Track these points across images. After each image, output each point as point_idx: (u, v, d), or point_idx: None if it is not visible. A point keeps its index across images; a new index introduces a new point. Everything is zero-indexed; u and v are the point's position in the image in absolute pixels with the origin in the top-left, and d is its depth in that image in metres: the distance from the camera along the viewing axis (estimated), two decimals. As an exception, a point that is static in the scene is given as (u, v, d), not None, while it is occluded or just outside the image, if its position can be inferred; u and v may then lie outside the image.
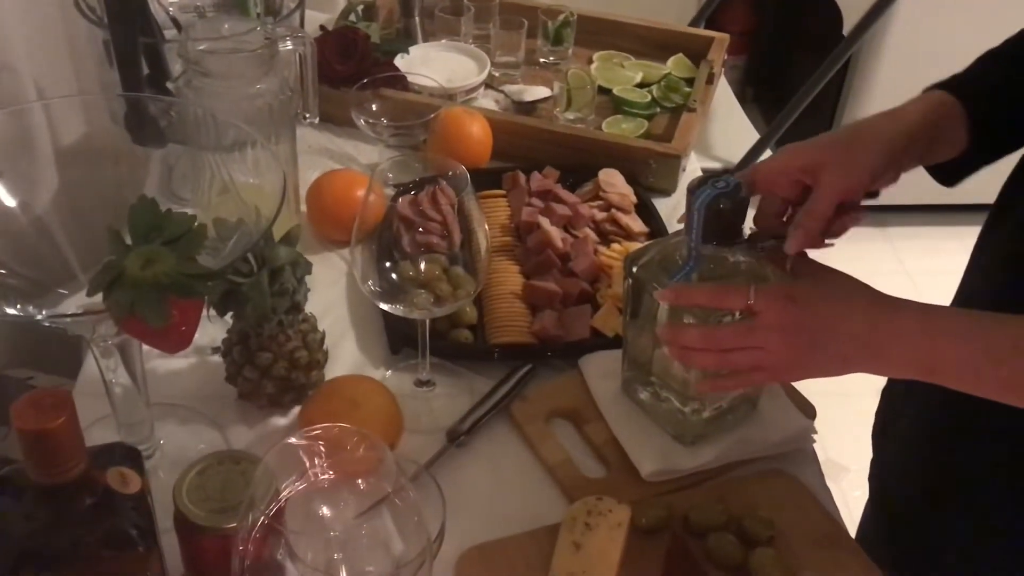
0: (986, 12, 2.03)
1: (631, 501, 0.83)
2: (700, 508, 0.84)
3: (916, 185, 0.93)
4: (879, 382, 1.15)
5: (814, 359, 0.75)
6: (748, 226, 0.84)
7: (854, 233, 0.83)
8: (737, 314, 0.79)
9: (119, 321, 0.60)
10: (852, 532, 0.91)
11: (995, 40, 0.89)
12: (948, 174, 0.89)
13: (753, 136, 1.95)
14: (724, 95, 1.98)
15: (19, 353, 1.22)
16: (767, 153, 1.98)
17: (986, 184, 0.92)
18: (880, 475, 1.06)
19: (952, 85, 0.85)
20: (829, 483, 0.94)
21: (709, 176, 0.80)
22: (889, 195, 0.86)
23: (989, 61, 0.88)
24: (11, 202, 0.81)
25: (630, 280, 0.87)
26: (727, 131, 1.99)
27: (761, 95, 3.05)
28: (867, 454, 1.13)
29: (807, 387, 0.99)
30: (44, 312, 0.74)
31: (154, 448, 0.88)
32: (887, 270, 2.65)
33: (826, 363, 0.75)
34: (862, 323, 0.73)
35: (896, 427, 1.02)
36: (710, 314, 0.81)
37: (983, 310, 0.73)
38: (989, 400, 0.71)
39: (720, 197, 0.79)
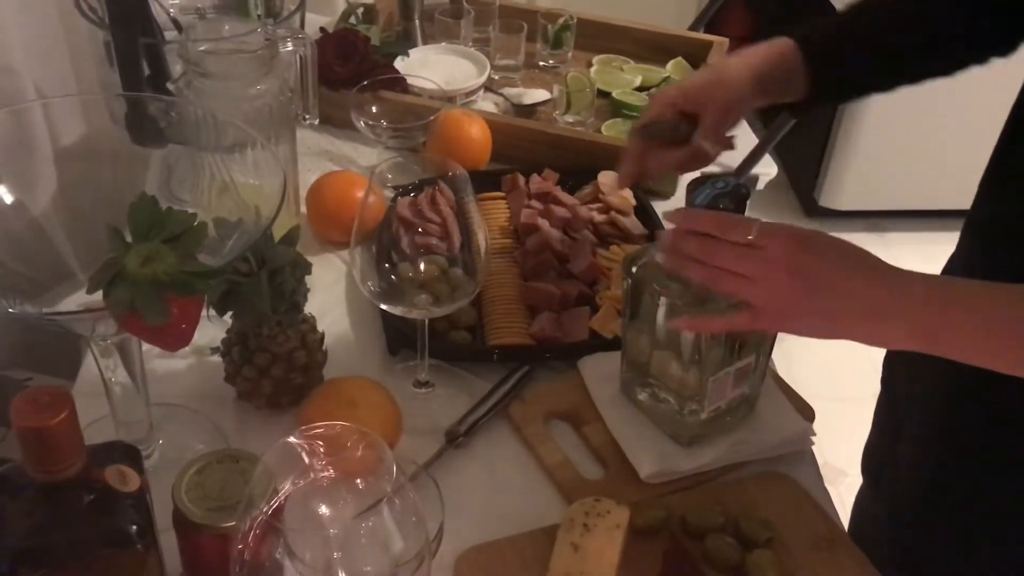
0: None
1: (629, 502, 0.83)
2: (698, 510, 0.84)
3: (914, 191, 0.95)
4: (876, 387, 1.15)
5: (804, 309, 0.73)
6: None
7: (853, 240, 0.83)
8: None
9: (119, 318, 0.60)
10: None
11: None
12: (797, 111, 0.99)
13: (752, 140, 1.95)
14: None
15: (17, 355, 1.22)
16: (766, 157, 1.98)
17: None
18: (891, 479, 1.05)
19: (799, 36, 0.94)
20: (827, 487, 0.94)
21: (708, 177, 0.80)
22: (887, 201, 0.88)
23: (844, 19, 0.97)
24: (10, 201, 0.81)
25: (629, 280, 0.87)
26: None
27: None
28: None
29: (805, 390, 0.99)
30: (44, 310, 0.74)
31: (153, 448, 0.88)
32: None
33: (815, 317, 0.73)
34: (864, 280, 0.72)
35: (906, 430, 1.01)
36: (707, 303, 0.81)
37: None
38: (997, 395, 0.71)
39: (720, 197, 0.79)
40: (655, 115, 0.96)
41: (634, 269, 0.87)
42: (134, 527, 0.63)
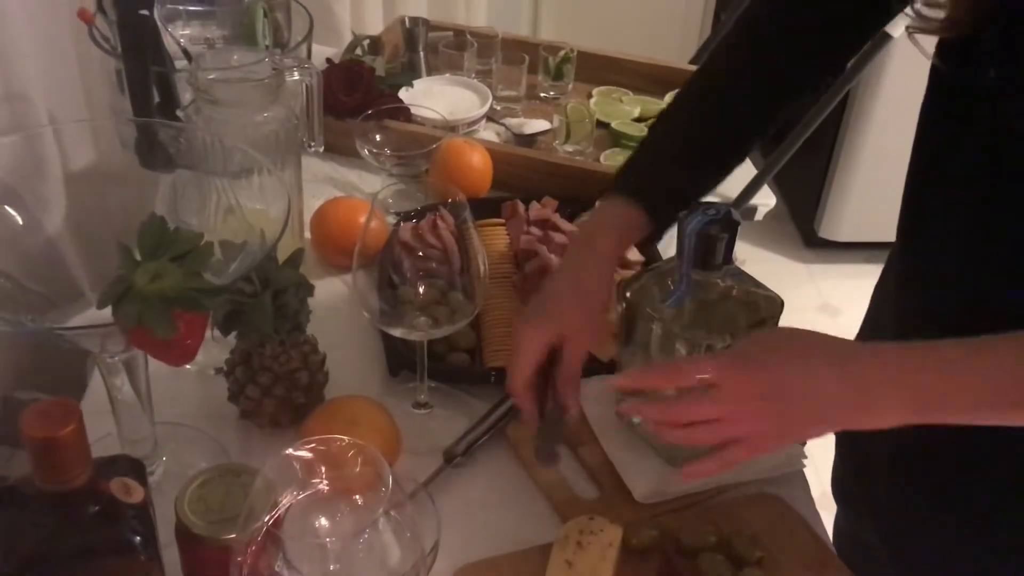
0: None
1: (623, 522, 0.85)
2: (691, 529, 0.86)
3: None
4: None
5: (790, 426, 0.72)
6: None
7: (852, 271, 0.85)
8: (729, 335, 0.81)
9: (127, 333, 0.63)
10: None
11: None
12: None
13: (751, 171, 1.97)
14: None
15: (25, 375, 1.24)
16: (764, 188, 2.00)
17: None
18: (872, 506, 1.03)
19: (634, 191, 0.91)
20: (827, 515, 0.95)
21: (699, 204, 0.83)
22: (887, 232, 0.91)
23: (655, 156, 0.95)
24: (23, 222, 0.83)
25: (624, 305, 0.89)
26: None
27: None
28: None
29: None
30: (56, 325, 0.77)
31: (157, 464, 0.89)
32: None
33: (807, 425, 0.73)
34: (833, 375, 0.70)
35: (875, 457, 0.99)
36: (696, 348, 0.83)
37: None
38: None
39: (710, 224, 0.81)
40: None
41: (628, 294, 0.89)
42: (137, 537, 0.65)
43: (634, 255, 1.18)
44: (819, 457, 1.01)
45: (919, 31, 0.75)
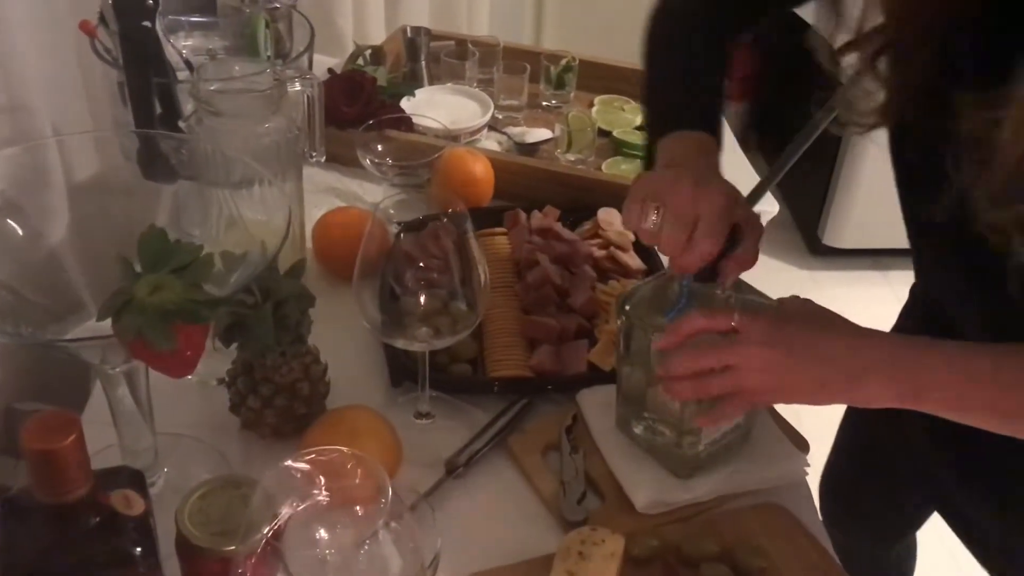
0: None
1: (625, 532, 0.85)
2: (693, 539, 0.86)
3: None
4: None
5: (791, 380, 0.77)
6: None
7: (857, 278, 0.86)
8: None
9: (127, 345, 0.63)
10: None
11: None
12: None
13: (753, 178, 1.97)
14: (725, 138, 2.01)
15: (26, 388, 1.24)
16: (768, 195, 2.00)
17: None
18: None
19: (697, 123, 0.94)
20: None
21: None
22: (891, 239, 0.90)
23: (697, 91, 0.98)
24: (26, 233, 0.84)
25: (623, 318, 0.89)
26: (727, 174, 2.02)
27: (764, 141, 3.09)
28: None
29: (807, 431, 1.00)
30: (56, 337, 0.77)
31: (158, 475, 0.89)
32: (890, 314, 2.66)
33: (804, 386, 0.76)
34: (842, 347, 0.75)
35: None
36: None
37: None
38: None
39: None
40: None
41: (627, 307, 0.88)
42: (138, 549, 0.65)
43: (637, 264, 1.18)
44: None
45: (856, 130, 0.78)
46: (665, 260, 1.17)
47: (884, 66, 0.74)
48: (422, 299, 0.91)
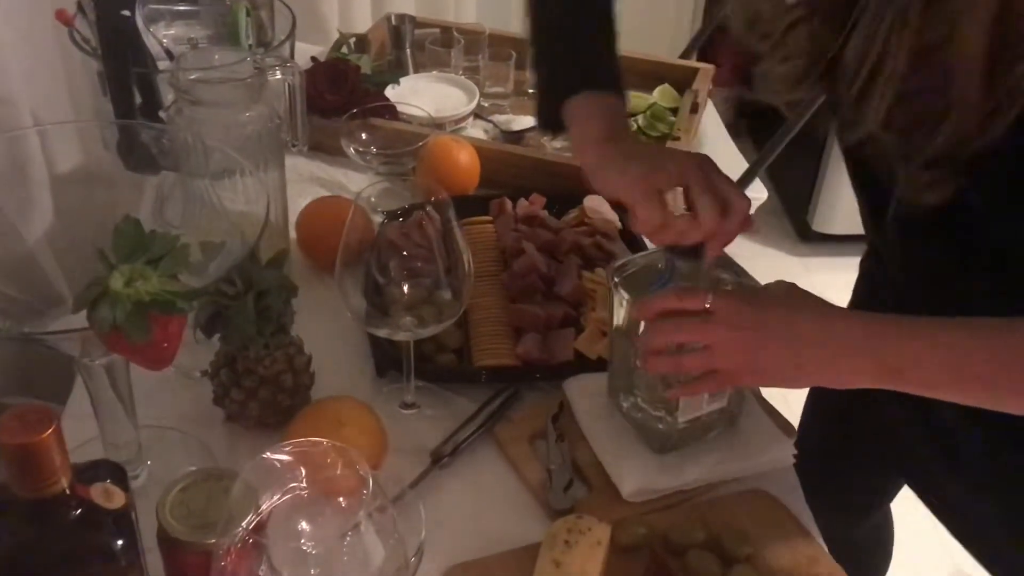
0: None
1: (611, 520, 0.84)
2: (680, 526, 0.85)
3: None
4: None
5: (766, 361, 0.76)
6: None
7: (846, 264, 0.86)
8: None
9: (103, 337, 0.62)
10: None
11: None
12: None
13: (742, 164, 1.97)
14: (713, 125, 2.01)
15: (9, 381, 1.23)
16: (756, 181, 2.00)
17: None
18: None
19: (605, 85, 0.94)
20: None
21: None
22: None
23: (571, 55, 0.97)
24: (5, 226, 0.83)
25: (614, 289, 0.89)
26: (715, 160, 2.02)
27: (755, 126, 3.08)
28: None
29: (797, 416, 1.00)
30: (31, 330, 0.76)
31: (141, 469, 0.89)
32: (880, 299, 2.67)
33: (779, 367, 0.76)
34: (815, 329, 0.75)
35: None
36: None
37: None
38: None
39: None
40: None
41: (617, 279, 0.88)
42: (118, 542, 0.64)
43: (623, 252, 1.18)
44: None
45: None
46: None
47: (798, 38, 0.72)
48: (406, 288, 0.91)
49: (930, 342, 0.71)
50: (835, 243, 2.81)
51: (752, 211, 1.77)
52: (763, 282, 0.88)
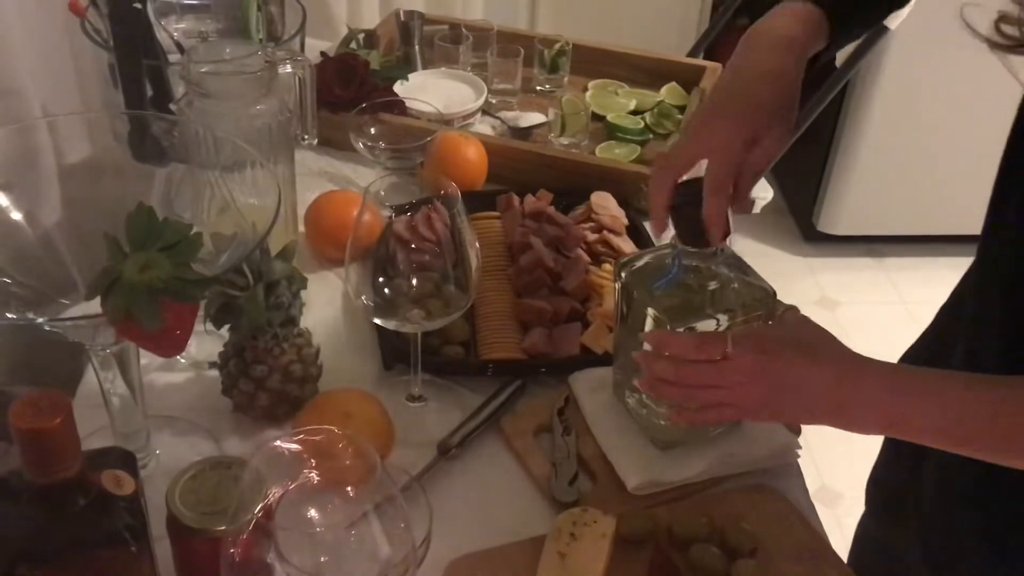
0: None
1: (616, 513, 0.85)
2: (684, 520, 0.86)
3: (913, 216, 0.95)
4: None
5: (780, 405, 0.78)
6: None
7: (851, 264, 0.85)
8: (723, 319, 0.82)
9: (115, 324, 0.62)
10: (844, 555, 0.92)
11: (987, 65, 0.91)
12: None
13: (748, 164, 1.97)
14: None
15: (19, 370, 1.24)
16: (762, 181, 2.00)
17: (982, 216, 0.91)
18: (919, 520, 0.98)
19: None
20: (825, 509, 0.94)
21: (685, 183, 0.83)
22: (886, 226, 0.89)
23: None
24: (17, 215, 0.83)
25: (619, 286, 0.89)
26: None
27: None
28: (862, 481, 1.12)
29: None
30: (44, 319, 0.76)
31: (150, 457, 0.90)
32: (884, 300, 2.67)
33: (791, 410, 0.78)
34: (828, 379, 0.75)
35: (926, 468, 0.95)
36: (691, 317, 0.84)
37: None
38: None
39: (683, 196, 0.82)
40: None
41: (623, 275, 0.89)
42: (128, 529, 0.65)
43: (630, 247, 1.18)
44: (819, 452, 1.01)
45: (1007, 50, 0.74)
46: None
47: None
48: (414, 281, 0.91)
49: (939, 401, 0.72)
50: (840, 243, 2.81)
51: (758, 210, 1.78)
52: (769, 281, 0.88)
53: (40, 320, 0.73)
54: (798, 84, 0.85)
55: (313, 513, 0.69)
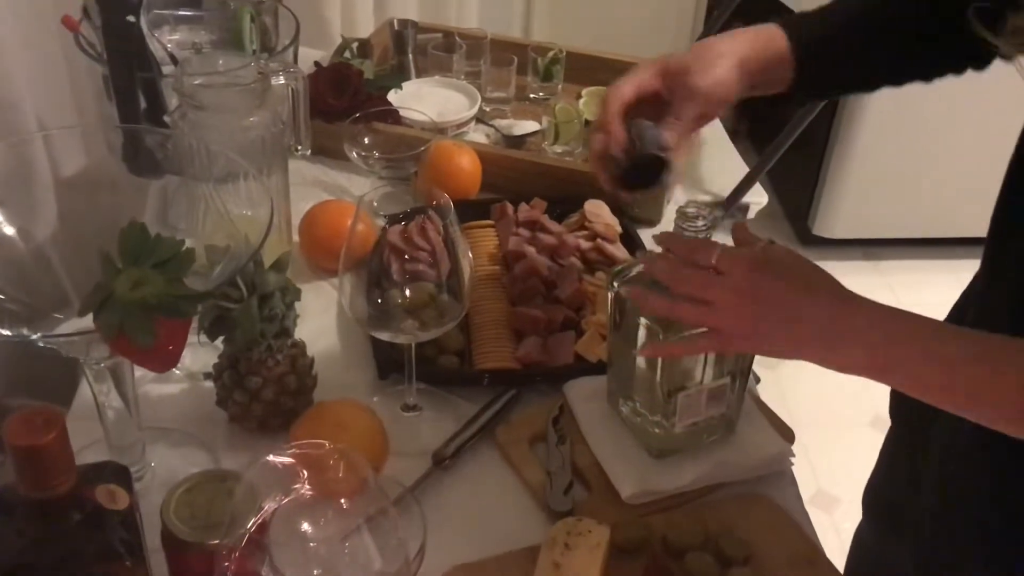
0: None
1: (611, 522, 0.85)
2: (678, 528, 0.86)
3: (908, 220, 0.95)
4: (872, 413, 1.16)
5: (766, 333, 0.75)
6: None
7: (847, 268, 0.85)
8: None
9: (108, 340, 0.63)
10: (840, 563, 0.92)
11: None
12: (771, 104, 0.99)
13: (743, 169, 1.97)
14: (713, 129, 2.02)
15: (14, 383, 1.24)
16: (757, 186, 2.00)
17: (978, 219, 0.91)
18: (915, 529, 0.94)
19: (786, 23, 0.92)
20: (821, 514, 0.94)
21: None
22: (882, 229, 0.88)
23: (826, 12, 0.95)
24: (10, 230, 0.84)
25: (612, 296, 0.90)
26: (716, 164, 2.02)
27: (755, 130, 3.09)
28: (859, 486, 1.13)
29: (797, 416, 1.00)
30: (39, 334, 0.77)
31: (145, 470, 0.90)
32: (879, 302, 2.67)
33: (777, 340, 0.75)
34: (822, 312, 0.73)
35: (926, 478, 0.92)
36: (680, 328, 0.84)
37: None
38: None
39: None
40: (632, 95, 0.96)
41: (616, 284, 0.89)
42: (122, 543, 0.65)
43: (623, 255, 1.18)
44: (816, 456, 1.01)
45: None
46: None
47: None
48: (408, 291, 0.91)
49: (922, 349, 0.70)
50: (835, 247, 2.82)
51: (752, 215, 1.77)
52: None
53: (34, 336, 0.73)
54: (733, 55, 0.91)
55: (307, 526, 0.69)
